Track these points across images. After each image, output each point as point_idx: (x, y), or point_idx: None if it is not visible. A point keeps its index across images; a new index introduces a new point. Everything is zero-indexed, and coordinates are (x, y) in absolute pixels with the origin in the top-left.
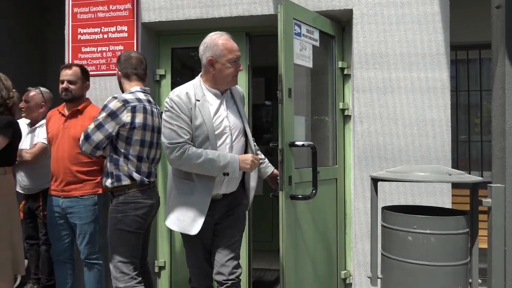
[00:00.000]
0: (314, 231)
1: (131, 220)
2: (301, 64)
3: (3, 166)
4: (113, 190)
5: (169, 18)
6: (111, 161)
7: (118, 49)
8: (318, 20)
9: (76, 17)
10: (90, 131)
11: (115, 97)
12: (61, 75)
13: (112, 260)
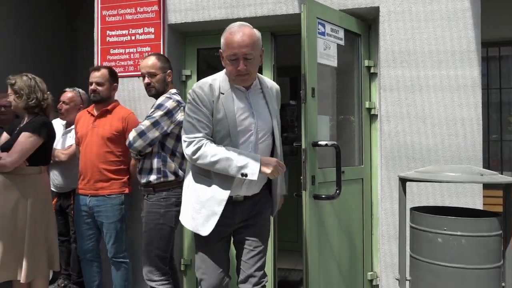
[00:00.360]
0: (339, 231)
1: (172, 215)
2: (325, 63)
3: (38, 165)
4: (155, 185)
5: (195, 19)
6: (159, 157)
7: (145, 51)
8: (343, 18)
9: (105, 19)
10: (146, 129)
11: (169, 97)
12: (90, 77)
13: (148, 254)
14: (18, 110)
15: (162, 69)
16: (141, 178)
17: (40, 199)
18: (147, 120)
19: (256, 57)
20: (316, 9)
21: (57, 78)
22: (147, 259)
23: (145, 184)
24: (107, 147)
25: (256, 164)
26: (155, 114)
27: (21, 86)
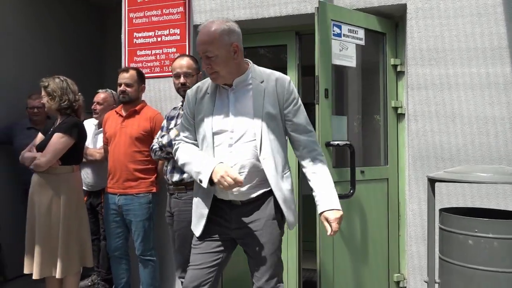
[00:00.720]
0: (359, 231)
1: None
2: (341, 64)
3: (70, 165)
4: (188, 184)
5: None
6: None
7: (171, 52)
8: (363, 18)
9: (132, 22)
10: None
11: None
12: (118, 78)
13: (180, 250)
14: (50, 112)
15: (196, 70)
16: (173, 176)
17: (73, 197)
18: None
19: (220, 55)
20: (331, 11)
21: (87, 80)
22: (181, 258)
23: (177, 182)
24: (135, 146)
25: (207, 171)
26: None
27: (54, 88)
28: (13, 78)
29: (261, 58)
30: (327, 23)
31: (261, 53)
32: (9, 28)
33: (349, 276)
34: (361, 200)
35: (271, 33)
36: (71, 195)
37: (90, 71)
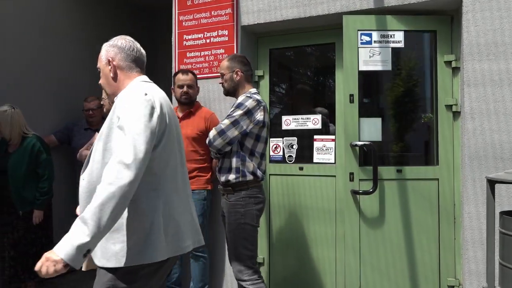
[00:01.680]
0: (399, 231)
1: (253, 214)
2: (371, 70)
3: None
4: (234, 185)
5: (267, 19)
6: (238, 157)
7: (219, 53)
8: (401, 21)
9: (182, 24)
10: (225, 127)
11: (249, 96)
12: (178, 80)
13: (235, 253)
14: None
15: (229, 69)
16: (221, 177)
17: None
18: (227, 119)
19: (102, 69)
20: (356, 22)
21: None
22: (235, 259)
23: (224, 183)
24: (192, 146)
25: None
26: (235, 113)
27: None
28: (70, 81)
29: (308, 57)
30: (352, 34)
31: (308, 51)
32: (64, 34)
33: (392, 277)
34: (395, 199)
35: (319, 32)
36: None
37: None
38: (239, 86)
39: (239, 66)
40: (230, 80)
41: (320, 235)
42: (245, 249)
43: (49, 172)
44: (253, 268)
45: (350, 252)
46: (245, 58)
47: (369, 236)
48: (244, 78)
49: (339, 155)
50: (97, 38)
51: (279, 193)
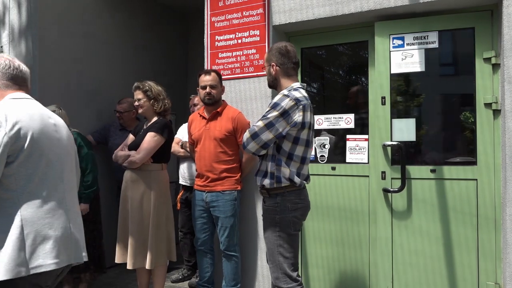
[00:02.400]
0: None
1: (288, 221)
2: (405, 72)
3: (160, 163)
4: (269, 189)
5: (299, 18)
6: (273, 161)
7: (251, 53)
8: (434, 22)
9: (214, 25)
10: (259, 130)
11: (287, 95)
12: (201, 81)
13: (273, 260)
14: (148, 114)
15: (267, 61)
16: (257, 180)
17: (162, 193)
18: (261, 120)
19: None
20: (388, 27)
21: (170, 83)
22: (273, 265)
23: (260, 186)
24: (220, 147)
25: None
26: (269, 114)
27: (157, 92)
28: (105, 83)
29: (340, 56)
30: (383, 39)
31: (340, 50)
32: (100, 37)
33: (427, 278)
34: (430, 199)
35: (351, 30)
36: (160, 191)
37: (173, 75)
38: (277, 80)
39: (275, 59)
40: (269, 74)
41: (353, 236)
42: (281, 256)
43: (92, 166)
44: (291, 276)
45: (384, 252)
46: (286, 47)
47: (402, 237)
48: (281, 72)
49: (373, 154)
50: (131, 41)
51: (310, 193)
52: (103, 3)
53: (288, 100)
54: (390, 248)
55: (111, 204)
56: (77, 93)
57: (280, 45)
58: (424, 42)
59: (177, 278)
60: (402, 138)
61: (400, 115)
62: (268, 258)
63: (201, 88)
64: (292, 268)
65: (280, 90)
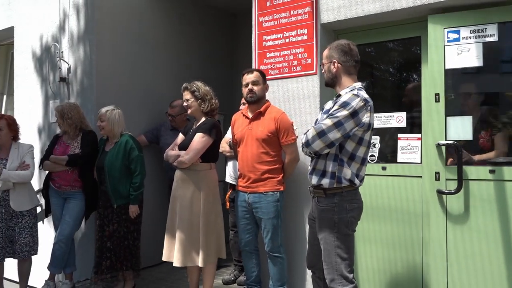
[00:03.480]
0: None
1: (347, 221)
2: (460, 67)
3: (208, 162)
4: (327, 189)
5: (348, 16)
6: (335, 160)
7: (298, 52)
8: (494, 14)
9: (262, 25)
10: (327, 129)
11: (357, 94)
12: (244, 79)
13: (329, 261)
14: (196, 114)
15: (328, 58)
16: (312, 179)
17: (211, 192)
18: (330, 119)
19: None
20: (443, 20)
21: (219, 83)
22: (328, 266)
23: (315, 186)
24: (262, 148)
25: None
26: (339, 113)
27: (204, 92)
28: (156, 85)
29: (390, 53)
30: (437, 33)
31: (390, 47)
32: (152, 41)
33: (485, 283)
34: (488, 201)
35: (403, 25)
36: (209, 190)
37: (222, 75)
38: (337, 78)
39: (337, 56)
40: (328, 71)
41: (405, 238)
42: (338, 258)
43: (141, 168)
44: (348, 278)
45: (437, 255)
46: (348, 45)
47: (457, 239)
48: (342, 70)
49: (426, 154)
50: (181, 43)
51: (361, 194)
52: (154, 8)
53: (359, 100)
54: (445, 251)
55: (162, 203)
56: (130, 94)
57: (342, 42)
58: (482, 36)
59: (229, 279)
60: (458, 137)
61: (456, 113)
62: (323, 260)
63: (244, 87)
64: (348, 269)
65: (339, 88)
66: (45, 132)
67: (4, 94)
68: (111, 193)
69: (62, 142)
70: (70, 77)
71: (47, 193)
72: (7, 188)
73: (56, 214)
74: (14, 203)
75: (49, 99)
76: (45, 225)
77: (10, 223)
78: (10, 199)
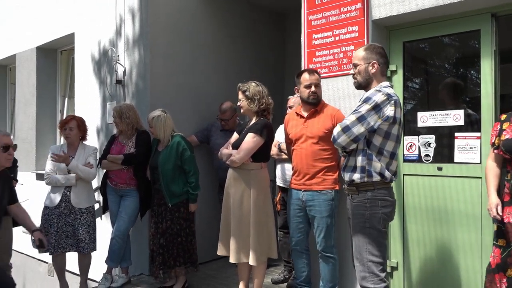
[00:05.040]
0: None
1: (379, 218)
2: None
3: (259, 162)
4: (359, 185)
5: (401, 11)
6: (364, 155)
7: (349, 50)
8: None
9: (311, 24)
10: (350, 124)
11: (379, 90)
12: (304, 80)
13: (360, 258)
14: (247, 113)
15: (365, 59)
16: (345, 175)
17: (261, 192)
18: (353, 114)
19: None
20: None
21: (269, 82)
22: (360, 265)
23: (348, 182)
24: (318, 145)
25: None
26: (361, 108)
27: (254, 92)
28: (207, 86)
29: (446, 48)
30: None
31: (446, 42)
32: (203, 43)
33: None
34: None
35: (460, 19)
36: (260, 190)
37: (271, 75)
38: (373, 79)
39: (377, 58)
40: (365, 72)
41: (463, 242)
42: (370, 255)
43: (194, 167)
44: (379, 276)
45: None
46: (383, 49)
47: None
48: (379, 71)
49: (486, 154)
50: (230, 44)
51: (414, 194)
52: (204, 11)
53: (381, 94)
54: None
55: (212, 201)
56: (182, 95)
57: (377, 45)
58: None
59: (278, 279)
60: None
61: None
62: (354, 257)
63: (304, 87)
64: (380, 268)
65: (369, 90)
66: (103, 132)
67: (66, 96)
68: (165, 193)
69: (118, 142)
70: (125, 79)
71: (104, 191)
72: (70, 185)
73: (113, 210)
74: (74, 200)
75: (106, 101)
76: (103, 221)
77: (68, 219)
78: (71, 195)
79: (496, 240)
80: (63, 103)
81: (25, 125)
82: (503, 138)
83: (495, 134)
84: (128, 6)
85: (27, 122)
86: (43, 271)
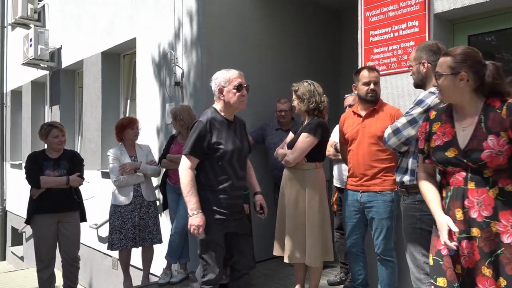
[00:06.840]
0: None
1: (429, 219)
2: None
3: (314, 162)
4: (409, 187)
5: (466, 3)
6: (415, 158)
7: (409, 45)
8: None
9: (368, 20)
10: (401, 126)
11: (433, 92)
12: (363, 77)
13: (413, 260)
14: (300, 113)
15: (416, 60)
16: (397, 176)
17: (316, 192)
18: (404, 116)
19: None
20: None
21: (324, 81)
22: (414, 266)
23: (399, 184)
24: (378, 145)
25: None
26: (413, 110)
27: (303, 91)
28: (263, 85)
29: None
30: None
31: None
32: (257, 43)
33: None
34: None
35: None
36: (314, 190)
37: (325, 75)
38: (427, 78)
39: (426, 57)
40: (417, 72)
41: None
42: (423, 256)
43: None
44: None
45: None
46: (436, 45)
47: None
48: (432, 70)
49: None
50: (285, 43)
51: None
52: (259, 11)
53: (434, 97)
54: None
55: (269, 200)
56: None
57: (430, 42)
58: None
59: (334, 281)
60: None
61: None
62: (408, 259)
63: (363, 85)
64: None
65: (427, 89)
66: (162, 133)
67: (128, 99)
68: None
69: (177, 141)
70: (183, 81)
71: (164, 189)
72: (139, 182)
73: (172, 208)
74: (146, 193)
75: (165, 102)
76: (163, 218)
77: (140, 213)
78: (142, 190)
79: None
80: (125, 105)
81: (91, 126)
82: (433, 145)
83: (423, 138)
84: (186, 9)
85: (94, 123)
86: (107, 264)
